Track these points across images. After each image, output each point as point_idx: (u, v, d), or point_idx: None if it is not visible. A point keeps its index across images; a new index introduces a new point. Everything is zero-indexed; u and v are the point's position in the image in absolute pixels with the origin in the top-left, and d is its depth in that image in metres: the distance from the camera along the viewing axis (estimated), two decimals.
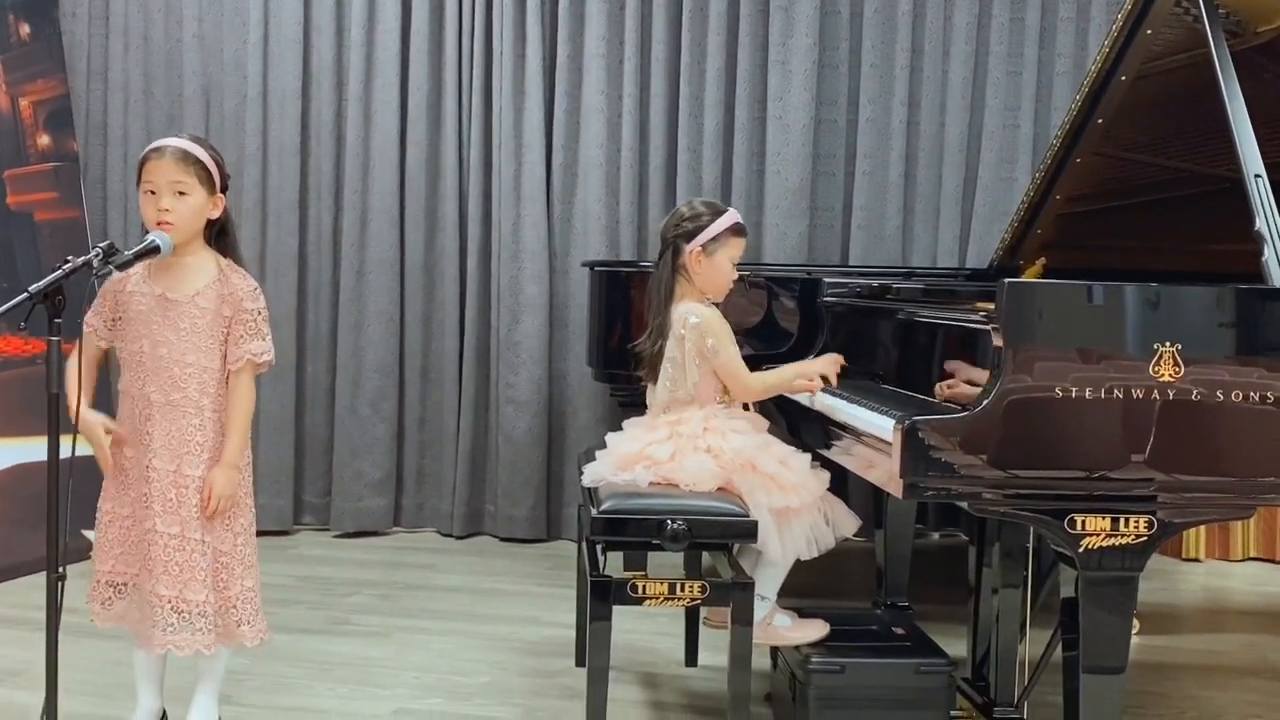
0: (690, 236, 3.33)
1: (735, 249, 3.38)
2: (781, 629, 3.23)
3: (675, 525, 2.95)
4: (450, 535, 5.50)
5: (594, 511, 3.03)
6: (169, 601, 2.87)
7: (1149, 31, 3.27)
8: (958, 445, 2.47)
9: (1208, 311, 2.55)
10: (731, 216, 3.38)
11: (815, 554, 3.18)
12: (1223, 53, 2.85)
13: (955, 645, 3.34)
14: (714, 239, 3.33)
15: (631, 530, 3.01)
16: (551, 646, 4.00)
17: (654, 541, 2.98)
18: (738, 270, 3.42)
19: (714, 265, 3.34)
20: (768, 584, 3.21)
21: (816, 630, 3.23)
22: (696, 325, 3.26)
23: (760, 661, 3.26)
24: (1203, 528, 5.28)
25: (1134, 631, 4.08)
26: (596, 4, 5.36)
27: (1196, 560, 5.33)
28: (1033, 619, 3.18)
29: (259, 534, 3.08)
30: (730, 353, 3.28)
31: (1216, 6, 2.94)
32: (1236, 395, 2.48)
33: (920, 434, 2.48)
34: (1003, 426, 2.46)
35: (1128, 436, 2.46)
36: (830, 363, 3.33)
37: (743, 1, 5.32)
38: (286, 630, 3.93)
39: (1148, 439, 2.46)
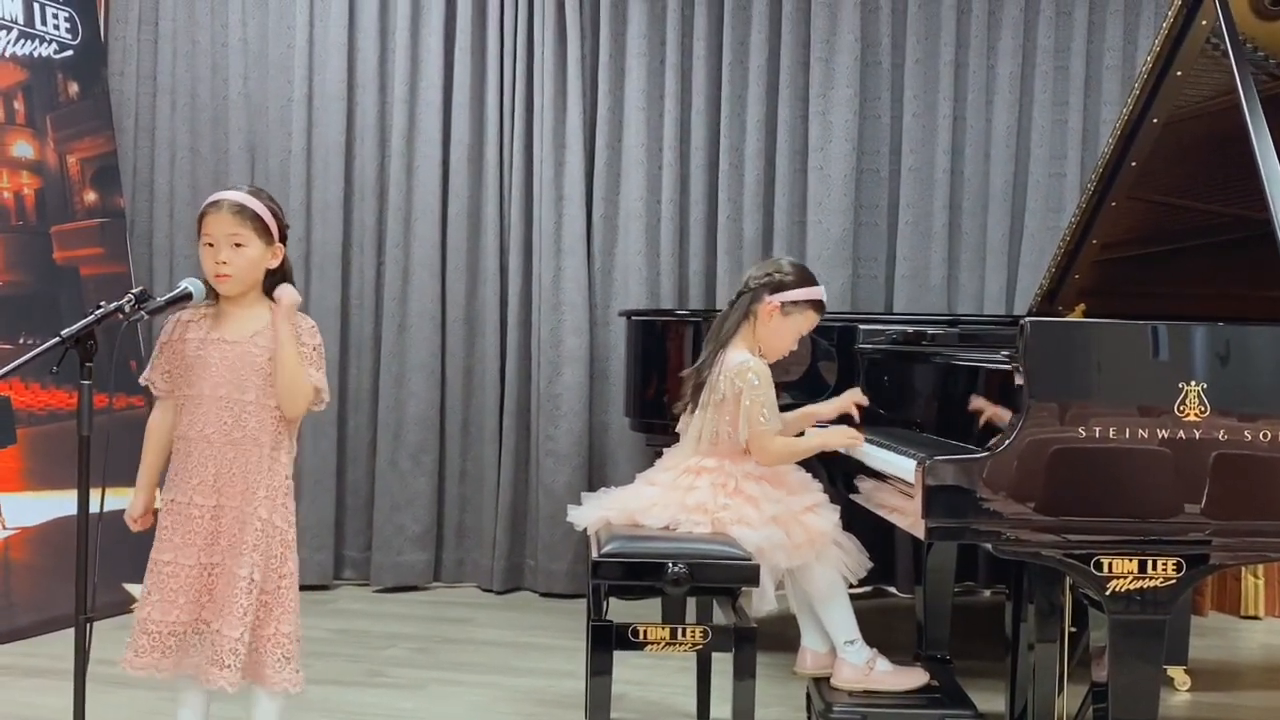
0: (776, 289, 3.33)
1: (807, 323, 3.39)
2: (883, 674, 3.20)
3: (676, 569, 2.91)
4: (491, 590, 5.45)
5: (595, 554, 3.00)
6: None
7: (1179, 73, 3.22)
8: (981, 485, 2.41)
9: (1233, 350, 2.48)
10: (820, 291, 3.39)
11: (857, 578, 3.19)
12: (1248, 84, 2.79)
13: (999, 700, 3.26)
14: (795, 302, 3.33)
15: (632, 574, 2.98)
16: (584, 699, 3.94)
17: (655, 585, 2.95)
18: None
19: (783, 326, 3.35)
20: (844, 624, 3.18)
21: (917, 678, 3.22)
22: (756, 388, 3.24)
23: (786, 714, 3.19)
24: (1261, 583, 5.15)
25: (1185, 688, 3.99)
26: (636, 57, 5.37)
27: (1256, 618, 5.18)
28: (1070, 674, 3.10)
29: (299, 588, 3.03)
30: (770, 422, 3.25)
31: (1242, 41, 2.89)
32: (1265, 435, 2.40)
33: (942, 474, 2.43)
34: (1026, 466, 2.41)
35: (1155, 477, 2.39)
36: (846, 435, 3.28)
37: (782, 53, 5.32)
38: (320, 682, 3.89)
39: (1175, 479, 2.39)
